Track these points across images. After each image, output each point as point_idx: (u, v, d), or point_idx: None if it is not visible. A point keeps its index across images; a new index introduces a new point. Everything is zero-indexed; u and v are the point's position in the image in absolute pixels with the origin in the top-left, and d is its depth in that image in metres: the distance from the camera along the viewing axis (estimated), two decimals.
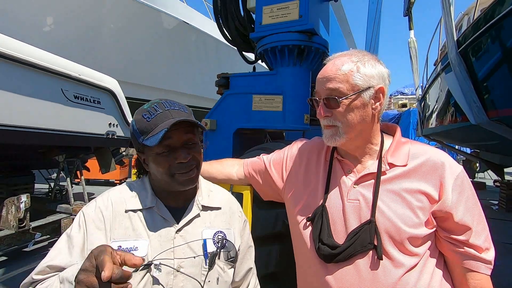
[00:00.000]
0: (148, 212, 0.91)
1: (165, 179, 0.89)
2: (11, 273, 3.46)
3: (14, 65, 2.94)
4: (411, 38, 7.72)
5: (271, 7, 2.32)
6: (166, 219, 0.90)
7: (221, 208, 1.02)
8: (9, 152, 3.96)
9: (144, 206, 0.91)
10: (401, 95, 22.75)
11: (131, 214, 0.89)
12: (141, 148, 0.92)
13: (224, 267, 0.93)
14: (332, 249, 0.92)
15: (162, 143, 0.85)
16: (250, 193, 1.38)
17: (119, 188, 0.97)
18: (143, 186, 0.97)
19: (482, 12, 3.35)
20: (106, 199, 0.91)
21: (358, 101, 0.93)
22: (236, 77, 2.58)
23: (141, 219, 0.89)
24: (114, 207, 0.89)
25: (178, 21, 7.90)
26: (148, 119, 0.87)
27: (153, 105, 0.90)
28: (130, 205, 0.90)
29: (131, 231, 0.86)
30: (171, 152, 0.88)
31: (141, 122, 0.88)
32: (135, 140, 0.92)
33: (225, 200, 1.06)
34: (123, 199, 0.92)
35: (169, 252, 0.86)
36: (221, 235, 0.94)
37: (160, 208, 0.92)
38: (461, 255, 0.91)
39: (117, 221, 0.87)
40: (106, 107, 4.28)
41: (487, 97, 3.31)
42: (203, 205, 0.98)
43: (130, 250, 0.83)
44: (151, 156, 0.89)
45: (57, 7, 5.95)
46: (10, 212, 3.45)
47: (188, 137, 0.90)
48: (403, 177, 0.93)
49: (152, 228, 0.88)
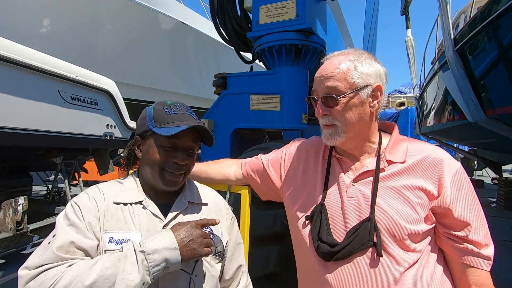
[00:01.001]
0: (138, 206, 0.92)
1: (153, 172, 0.92)
2: (9, 276, 3.44)
3: (10, 67, 2.92)
4: (408, 37, 7.76)
5: (268, 7, 2.32)
6: (154, 213, 0.92)
7: (208, 204, 1.04)
8: (7, 154, 3.93)
9: (133, 200, 0.92)
10: (399, 93, 22.82)
11: (122, 206, 0.90)
12: (146, 134, 0.94)
13: (211, 261, 0.95)
14: (332, 247, 0.92)
15: (170, 139, 0.90)
16: (249, 193, 1.37)
17: (108, 183, 0.99)
18: (132, 182, 0.98)
19: (478, 11, 3.37)
20: (98, 191, 0.92)
21: (356, 99, 0.93)
22: (234, 77, 2.57)
23: (132, 212, 0.90)
24: (105, 199, 0.90)
25: (175, 21, 7.88)
26: (168, 113, 0.92)
27: (177, 105, 0.96)
28: (119, 199, 0.91)
29: (123, 223, 0.87)
30: (173, 150, 0.92)
31: (160, 112, 0.93)
32: (143, 125, 0.95)
33: (211, 197, 1.08)
34: (113, 192, 0.93)
35: None
36: (208, 230, 0.95)
37: (148, 203, 0.93)
38: (461, 251, 0.91)
39: (110, 213, 0.88)
40: (104, 108, 4.26)
41: (484, 95, 3.32)
42: (189, 201, 0.99)
43: (122, 242, 0.83)
44: (153, 145, 0.92)
45: (53, 9, 5.92)
46: (8, 214, 3.43)
47: (193, 146, 0.96)
48: (402, 173, 0.93)
49: (141, 221, 0.89)
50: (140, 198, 0.93)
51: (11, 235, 3.42)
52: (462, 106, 3.71)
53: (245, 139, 2.59)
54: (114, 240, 0.83)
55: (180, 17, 8.06)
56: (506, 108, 3.10)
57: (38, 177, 5.59)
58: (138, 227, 0.88)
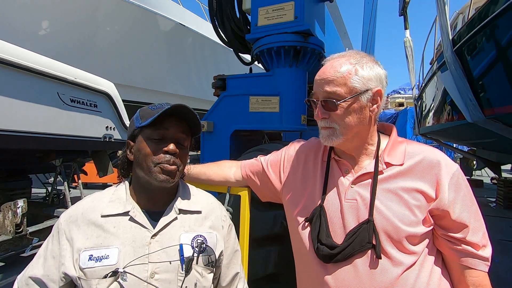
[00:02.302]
0: (124, 217, 0.90)
1: (146, 169, 0.90)
2: (8, 279, 3.43)
3: (9, 69, 2.92)
4: (407, 38, 7.78)
5: (267, 9, 2.32)
6: (141, 224, 0.89)
7: (202, 212, 1.00)
8: (6, 156, 3.92)
9: (120, 211, 0.90)
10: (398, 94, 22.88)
11: (105, 220, 0.88)
12: (136, 133, 0.94)
13: (203, 272, 0.92)
14: (331, 249, 0.92)
15: (158, 130, 0.90)
16: (248, 194, 1.37)
17: (95, 195, 0.97)
18: (120, 191, 0.96)
19: (476, 11, 3.38)
20: (80, 208, 0.92)
21: (356, 104, 0.93)
22: (233, 78, 2.57)
23: (116, 225, 0.88)
24: (84, 217, 0.89)
25: (174, 23, 7.89)
26: (153, 109, 0.93)
27: (163, 103, 0.95)
28: (105, 211, 0.90)
29: (102, 239, 0.85)
30: (162, 141, 0.91)
31: (145, 110, 0.94)
32: (132, 127, 0.96)
33: (207, 204, 1.04)
34: (97, 207, 0.91)
35: (143, 258, 0.85)
36: (200, 239, 0.92)
37: (136, 213, 0.90)
38: (459, 252, 0.92)
39: (89, 230, 0.86)
40: (103, 110, 4.26)
41: (483, 95, 3.34)
42: (180, 209, 0.96)
43: (102, 258, 0.83)
44: (142, 140, 0.92)
45: (52, 11, 5.92)
46: (7, 217, 3.42)
47: (182, 136, 0.95)
48: (400, 176, 0.94)
49: (126, 233, 0.87)
50: (127, 209, 0.90)
51: (10, 238, 3.41)
52: (461, 106, 3.73)
53: (244, 141, 2.59)
54: (93, 258, 0.82)
55: (179, 19, 8.07)
56: (505, 108, 3.11)
57: (38, 180, 5.58)
58: (121, 240, 0.86)
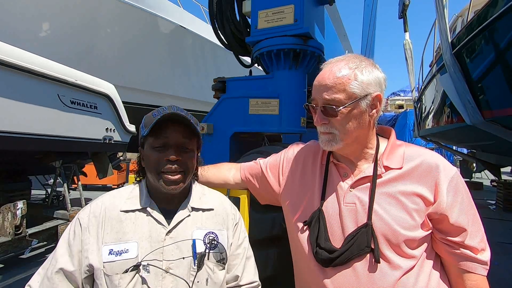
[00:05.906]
0: (142, 213, 0.94)
1: (153, 176, 0.93)
2: (7, 281, 3.42)
3: (9, 71, 2.93)
4: (407, 40, 7.79)
5: (267, 12, 2.34)
6: (157, 220, 0.93)
7: (214, 209, 1.04)
8: (5, 158, 3.92)
9: (138, 207, 0.94)
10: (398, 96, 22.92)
11: (124, 216, 0.92)
12: (143, 141, 0.97)
13: (214, 268, 0.94)
14: (330, 253, 0.92)
15: (160, 138, 0.92)
16: (247, 197, 1.38)
17: (114, 192, 1.01)
18: (139, 188, 1.00)
19: (475, 14, 3.39)
20: (100, 204, 0.95)
21: (355, 109, 0.93)
22: (233, 81, 2.58)
23: (134, 221, 0.92)
24: (106, 212, 0.92)
25: (174, 25, 7.92)
26: (154, 115, 0.94)
27: (164, 107, 0.96)
28: (124, 207, 0.94)
29: (122, 234, 0.90)
30: (164, 149, 0.93)
31: (148, 117, 0.96)
32: (139, 135, 0.99)
33: (219, 203, 1.08)
34: (117, 203, 0.95)
35: (158, 253, 0.88)
36: (212, 235, 0.95)
37: (153, 209, 0.95)
38: (457, 256, 0.92)
39: (109, 226, 0.90)
40: (103, 112, 4.26)
41: (482, 98, 3.34)
42: (192, 207, 1.00)
43: (122, 253, 0.86)
44: (148, 149, 0.95)
45: (52, 13, 5.94)
46: (7, 219, 3.42)
47: (184, 141, 0.96)
48: (399, 179, 0.94)
49: (144, 229, 0.91)
50: (146, 204, 0.95)
51: (9, 240, 3.40)
52: (460, 108, 3.73)
53: (244, 143, 2.60)
54: (113, 252, 0.86)
55: (179, 21, 8.10)
56: (504, 111, 3.11)
57: (37, 181, 5.58)
58: (139, 235, 0.90)
